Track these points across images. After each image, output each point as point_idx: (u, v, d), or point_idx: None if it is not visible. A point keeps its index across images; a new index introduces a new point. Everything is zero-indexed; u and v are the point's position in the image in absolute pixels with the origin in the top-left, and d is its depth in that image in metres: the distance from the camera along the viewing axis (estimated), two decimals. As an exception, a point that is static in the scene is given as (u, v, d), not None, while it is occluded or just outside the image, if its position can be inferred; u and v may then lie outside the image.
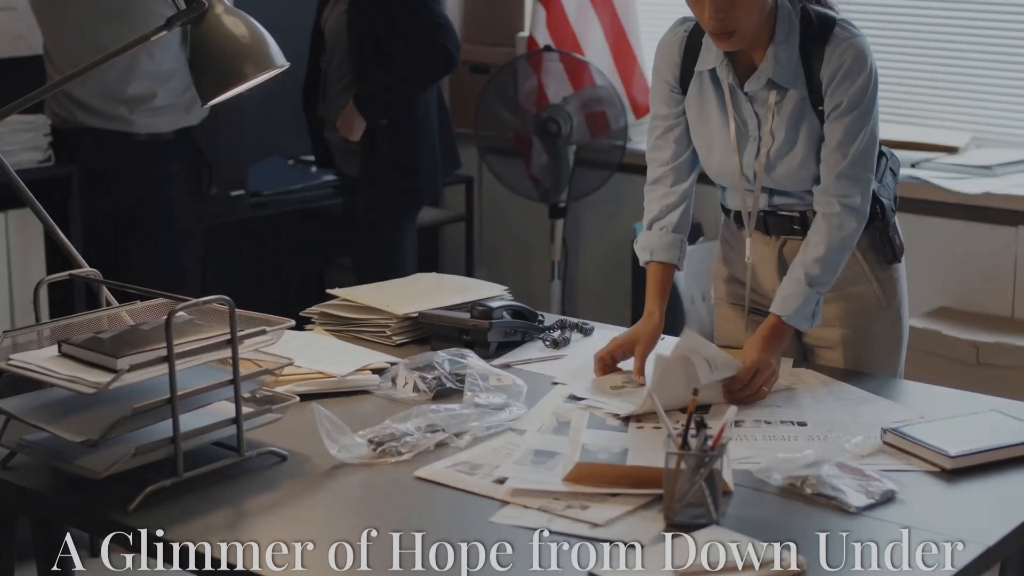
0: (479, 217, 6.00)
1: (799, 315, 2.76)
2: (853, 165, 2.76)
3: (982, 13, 4.88)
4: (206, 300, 2.25)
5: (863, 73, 2.75)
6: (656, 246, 2.94)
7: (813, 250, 2.77)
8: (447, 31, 4.55)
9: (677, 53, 2.90)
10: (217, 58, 2.45)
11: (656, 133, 2.97)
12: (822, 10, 2.82)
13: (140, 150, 4.37)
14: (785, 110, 2.80)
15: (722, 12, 2.67)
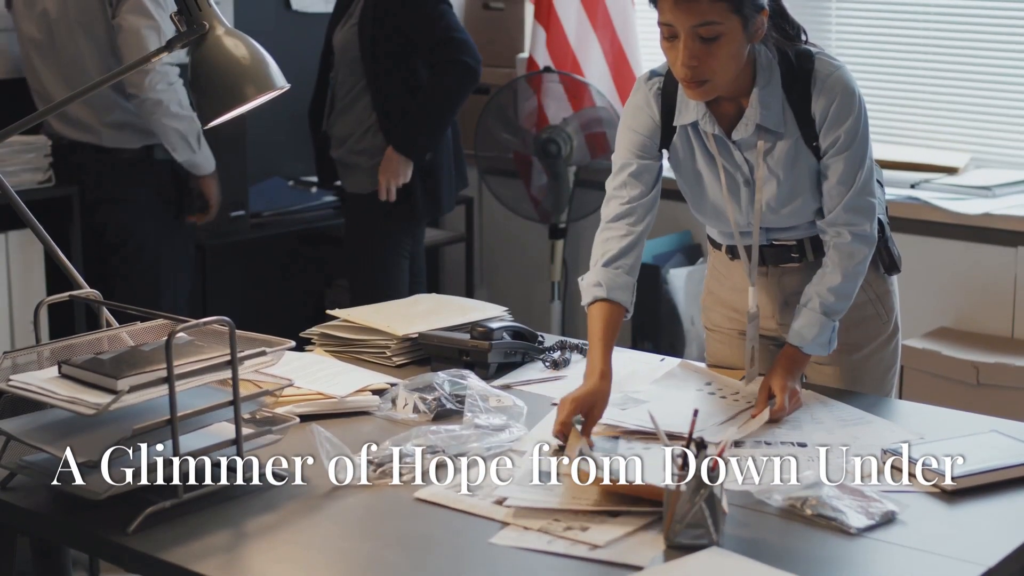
0: (479, 238, 6.01)
1: (816, 343, 2.77)
2: (858, 195, 2.75)
3: (981, 34, 4.89)
4: (206, 321, 2.25)
5: (854, 106, 2.73)
6: (613, 284, 2.79)
7: (829, 279, 2.77)
8: (466, 46, 4.56)
9: (655, 111, 2.82)
10: (218, 80, 2.45)
11: (629, 171, 2.84)
12: (797, 46, 2.77)
13: (112, 168, 4.38)
14: (778, 154, 2.76)
15: (696, 60, 2.61)
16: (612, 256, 2.81)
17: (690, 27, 2.59)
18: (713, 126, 2.77)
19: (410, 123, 4.55)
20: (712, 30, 2.59)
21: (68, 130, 4.38)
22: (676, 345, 5.19)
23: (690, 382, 2.87)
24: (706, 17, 2.58)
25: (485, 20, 5.98)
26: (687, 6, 2.59)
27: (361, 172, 4.68)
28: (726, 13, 2.59)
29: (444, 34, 4.53)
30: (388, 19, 4.53)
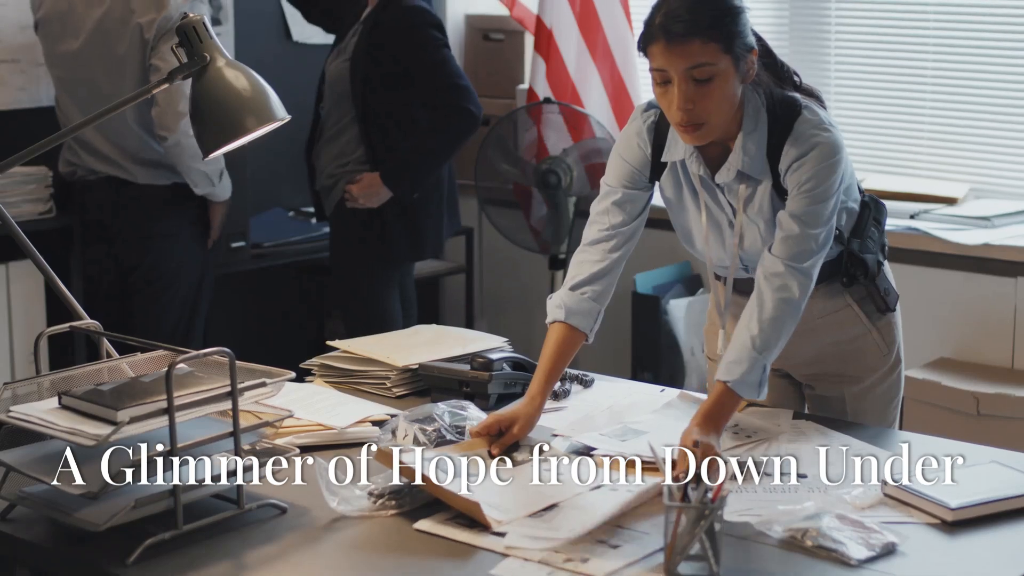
0: (479, 268, 6.01)
1: (746, 382, 2.62)
2: (807, 232, 2.66)
3: (980, 65, 4.91)
4: (206, 352, 2.25)
5: (826, 157, 2.66)
6: (575, 308, 2.80)
7: (756, 313, 2.65)
8: (466, 92, 4.55)
9: (647, 144, 2.82)
10: (219, 111, 2.46)
11: (613, 198, 2.84)
12: (788, 95, 2.75)
13: (144, 203, 4.37)
14: (758, 201, 2.75)
15: (690, 103, 2.60)
16: (581, 280, 2.83)
17: (683, 70, 2.59)
18: (699, 166, 2.77)
19: (403, 160, 4.54)
20: (705, 71, 2.59)
21: (100, 165, 4.37)
22: (676, 376, 5.19)
23: (690, 413, 2.86)
24: (699, 59, 2.58)
25: (485, 51, 6.01)
26: (679, 49, 2.58)
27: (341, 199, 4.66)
28: (718, 53, 2.59)
29: (449, 80, 4.53)
30: (385, 58, 4.52)
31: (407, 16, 4.52)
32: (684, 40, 2.58)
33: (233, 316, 5.47)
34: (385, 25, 4.52)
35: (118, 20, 4.25)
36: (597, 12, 5.47)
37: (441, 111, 4.54)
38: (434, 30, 4.56)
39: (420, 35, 4.52)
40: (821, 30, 5.23)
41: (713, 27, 2.59)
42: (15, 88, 4.75)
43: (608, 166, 2.89)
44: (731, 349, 2.65)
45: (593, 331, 2.83)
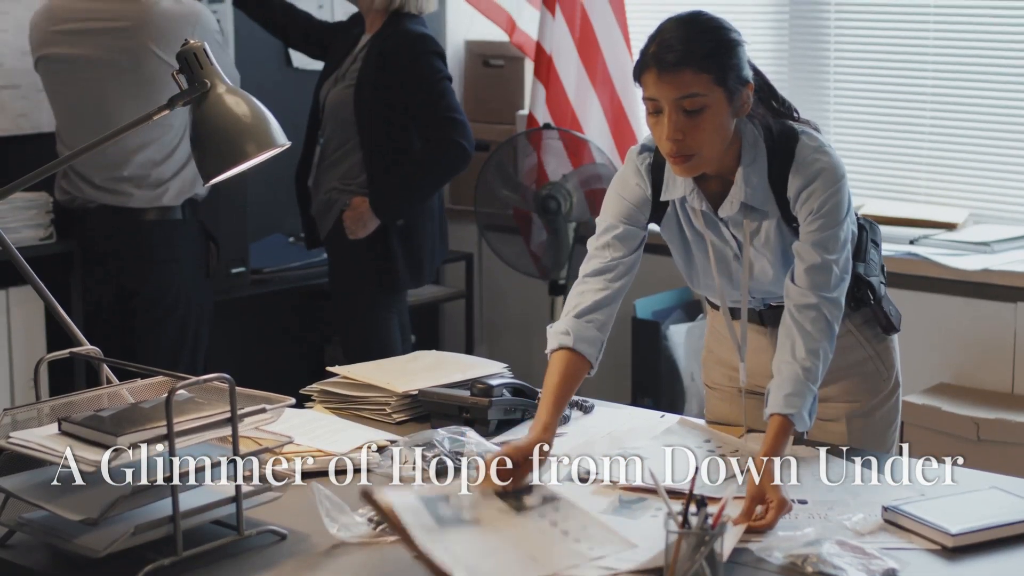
0: (479, 294, 6.01)
1: (803, 415, 2.60)
2: (825, 261, 2.67)
3: (979, 90, 4.92)
4: (206, 378, 2.25)
5: (832, 182, 2.68)
6: (581, 335, 2.74)
7: (798, 346, 2.64)
8: (461, 127, 4.52)
9: (646, 184, 2.81)
10: (219, 137, 2.47)
11: (614, 233, 2.81)
12: (785, 124, 2.76)
13: (145, 230, 4.38)
14: (764, 234, 2.75)
15: (680, 133, 2.60)
16: (585, 308, 2.78)
17: (674, 100, 2.59)
18: (701, 202, 2.76)
19: (392, 188, 4.53)
20: (696, 102, 2.59)
21: (98, 194, 4.38)
22: (676, 401, 5.18)
23: (690, 439, 2.87)
24: (690, 89, 2.58)
25: (485, 77, 6.02)
26: (671, 78, 2.58)
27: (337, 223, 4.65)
28: (710, 85, 2.59)
29: (445, 113, 4.51)
30: (389, 86, 4.52)
31: (412, 44, 4.52)
32: (676, 70, 2.58)
33: (233, 342, 5.46)
34: (390, 52, 4.52)
35: (121, 52, 4.26)
36: (597, 38, 5.49)
37: (433, 143, 4.53)
38: (437, 59, 4.56)
39: (423, 64, 4.51)
40: (820, 57, 5.24)
41: (706, 58, 2.59)
42: (15, 114, 4.76)
43: (605, 204, 2.87)
44: (783, 382, 2.61)
45: (597, 361, 2.79)
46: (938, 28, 4.99)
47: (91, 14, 4.30)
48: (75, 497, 2.22)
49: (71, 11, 4.35)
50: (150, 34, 4.25)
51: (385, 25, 4.57)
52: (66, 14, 4.35)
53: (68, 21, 4.34)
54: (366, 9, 4.63)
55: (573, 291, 2.83)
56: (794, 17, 5.30)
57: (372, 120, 4.54)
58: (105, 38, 4.28)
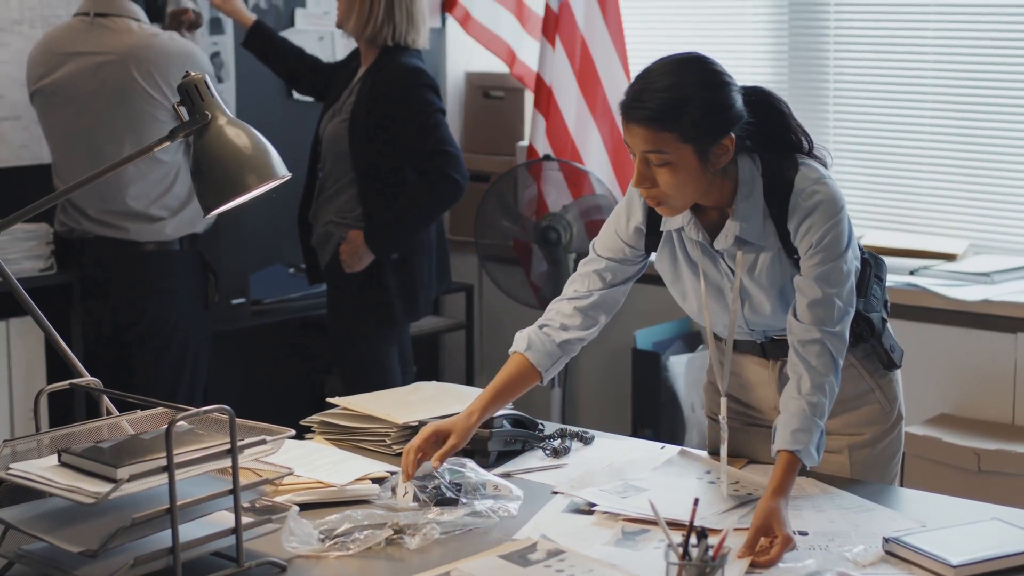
0: (479, 325, 6.01)
1: (810, 450, 2.61)
2: (827, 295, 2.67)
3: (979, 121, 4.93)
4: (206, 410, 2.25)
5: (832, 214, 2.68)
6: (537, 345, 2.90)
7: (803, 381, 2.65)
8: (454, 160, 4.51)
9: (640, 215, 2.84)
10: (220, 169, 2.47)
11: (594, 266, 2.90)
12: (787, 156, 2.75)
13: (142, 261, 4.38)
14: (761, 266, 2.75)
15: (647, 182, 2.63)
16: (550, 325, 2.93)
17: (641, 152, 2.62)
18: (697, 233, 2.77)
19: (385, 222, 4.53)
20: (661, 158, 2.60)
21: (94, 227, 4.38)
22: (676, 432, 5.18)
23: (690, 470, 2.86)
24: (654, 145, 2.60)
25: (485, 108, 6.04)
26: (636, 132, 2.61)
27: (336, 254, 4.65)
28: (675, 143, 2.59)
29: (436, 146, 4.49)
30: (382, 119, 4.52)
31: (404, 77, 4.52)
32: (639, 125, 2.60)
33: (233, 373, 5.46)
34: (382, 86, 4.52)
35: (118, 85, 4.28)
36: (597, 70, 5.50)
37: (425, 177, 4.52)
38: (430, 92, 4.54)
39: (415, 97, 4.50)
40: (820, 88, 5.26)
41: (672, 118, 2.58)
42: (17, 145, 4.77)
43: (601, 232, 2.92)
44: (789, 418, 2.62)
45: (547, 373, 2.90)
46: (937, 60, 5.00)
47: (83, 47, 4.32)
48: (75, 529, 2.21)
49: (64, 44, 4.36)
50: (139, 68, 4.27)
51: (378, 58, 4.58)
52: (59, 47, 4.37)
53: (61, 54, 4.35)
54: (361, 42, 4.63)
55: (550, 305, 2.95)
56: (793, 49, 5.31)
57: (366, 154, 4.53)
58: (96, 71, 4.29)
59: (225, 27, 5.36)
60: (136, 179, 4.31)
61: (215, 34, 5.33)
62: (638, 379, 5.31)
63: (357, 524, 2.47)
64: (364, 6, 4.54)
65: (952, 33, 4.98)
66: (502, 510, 2.61)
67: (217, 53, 5.35)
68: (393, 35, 4.54)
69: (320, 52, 5.63)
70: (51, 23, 4.70)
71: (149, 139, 4.19)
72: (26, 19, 4.79)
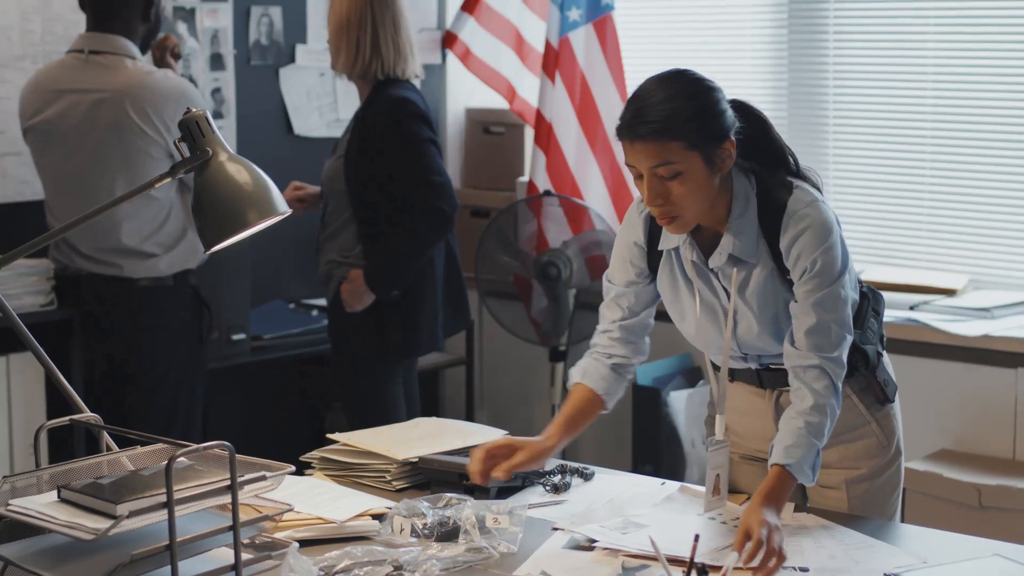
0: (479, 360, 6.01)
1: (803, 465, 2.65)
2: (824, 321, 2.70)
3: (978, 156, 4.94)
4: (207, 446, 2.25)
5: (825, 238, 2.70)
6: (593, 372, 2.96)
7: (804, 402, 2.69)
8: (442, 190, 4.49)
9: (641, 235, 2.87)
10: (220, 205, 2.47)
11: (611, 295, 2.97)
12: (779, 175, 2.78)
13: (136, 297, 4.38)
14: (753, 285, 2.77)
15: (660, 199, 2.65)
16: (599, 350, 2.98)
17: (649, 168, 2.63)
18: (693, 252, 2.80)
19: (380, 259, 4.53)
20: (671, 169, 2.63)
21: (88, 264, 4.38)
22: (677, 468, 5.17)
23: (691, 506, 2.86)
24: (663, 158, 2.62)
25: (486, 144, 6.05)
26: (643, 147, 2.63)
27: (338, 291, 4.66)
28: (683, 151, 2.62)
29: (423, 176, 4.48)
30: (374, 154, 4.51)
31: (391, 109, 4.51)
32: (647, 139, 2.62)
33: (233, 408, 5.46)
34: (372, 120, 4.52)
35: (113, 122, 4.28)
36: (596, 105, 5.52)
37: (414, 209, 4.50)
38: (418, 122, 4.52)
39: (402, 129, 4.49)
40: (819, 123, 5.27)
41: (678, 126, 2.62)
42: (18, 181, 4.78)
43: (611, 261, 2.98)
44: (784, 435, 2.68)
45: (612, 398, 2.96)
46: (936, 95, 5.01)
47: (78, 84, 4.33)
48: (74, 565, 2.21)
49: (56, 80, 4.37)
50: (134, 105, 4.27)
51: (371, 93, 4.58)
52: (53, 84, 4.38)
53: (54, 91, 4.36)
54: (354, 79, 4.63)
55: (592, 340, 3.00)
56: (792, 84, 5.33)
57: (361, 189, 4.53)
58: (91, 108, 4.30)
59: (226, 63, 5.38)
60: (130, 216, 4.31)
61: (216, 70, 5.35)
62: (638, 415, 5.31)
63: (357, 561, 2.46)
64: (351, 44, 4.54)
65: (951, 68, 4.99)
66: (502, 546, 2.60)
67: (218, 89, 5.37)
68: (382, 68, 4.55)
69: (320, 88, 5.67)
70: (53, 59, 4.72)
71: (142, 177, 4.20)
72: (28, 55, 4.81)
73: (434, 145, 4.55)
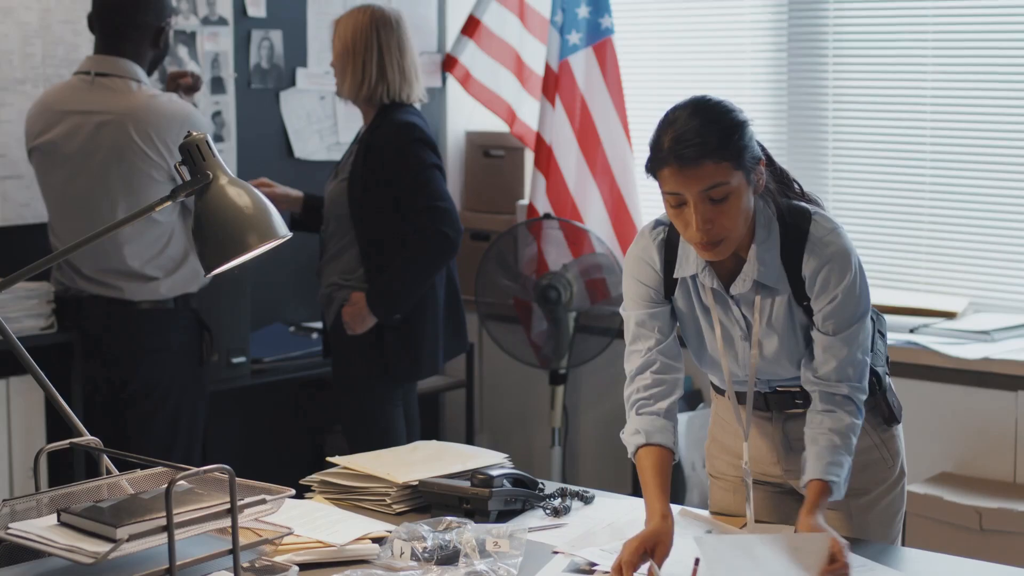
0: (479, 384, 6.01)
1: (841, 484, 2.70)
2: (855, 352, 2.75)
3: (978, 179, 4.94)
4: (206, 469, 2.24)
5: (849, 267, 2.73)
6: (651, 428, 2.80)
7: (839, 421, 2.73)
8: (446, 216, 4.50)
9: (657, 261, 2.84)
10: (221, 228, 2.47)
11: (636, 321, 2.87)
12: (796, 203, 2.80)
13: (136, 320, 4.38)
14: (775, 311, 2.78)
15: (709, 224, 2.62)
16: (642, 402, 2.83)
17: (698, 192, 2.61)
18: (712, 279, 2.78)
19: (383, 283, 4.53)
20: (720, 191, 2.61)
21: (89, 286, 4.39)
22: (677, 491, 5.16)
23: (691, 529, 2.85)
24: (713, 180, 2.61)
25: (486, 167, 6.06)
26: (693, 172, 2.61)
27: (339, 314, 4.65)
28: (730, 171, 2.62)
29: (428, 202, 4.48)
30: (379, 178, 4.52)
31: (398, 134, 4.52)
32: (697, 164, 2.60)
33: (233, 432, 5.45)
34: (378, 144, 4.53)
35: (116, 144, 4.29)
36: (596, 129, 5.53)
37: (418, 234, 4.50)
38: (423, 148, 4.53)
39: (408, 154, 4.50)
40: (819, 146, 5.27)
41: (723, 147, 2.61)
42: (19, 204, 4.79)
43: (624, 293, 2.91)
44: (821, 451, 2.71)
45: (676, 445, 2.82)
46: (935, 118, 5.01)
47: (83, 106, 4.34)
48: (73, 589, 2.20)
49: (64, 102, 4.38)
50: (138, 128, 4.28)
51: (376, 116, 4.59)
52: (59, 105, 4.39)
53: (60, 112, 4.37)
54: (359, 103, 4.64)
55: (626, 391, 2.87)
56: (792, 108, 5.33)
57: (365, 213, 4.54)
58: (95, 130, 4.30)
59: (226, 87, 5.39)
60: (132, 239, 4.32)
61: (216, 93, 5.36)
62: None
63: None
64: (357, 69, 4.56)
65: (950, 92, 4.99)
66: (502, 570, 2.60)
67: (219, 112, 5.38)
68: (388, 92, 4.56)
69: (320, 111, 5.68)
70: (53, 83, 4.73)
71: (145, 199, 4.21)
72: (29, 78, 4.82)
73: (439, 171, 4.56)
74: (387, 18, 4.60)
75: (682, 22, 5.75)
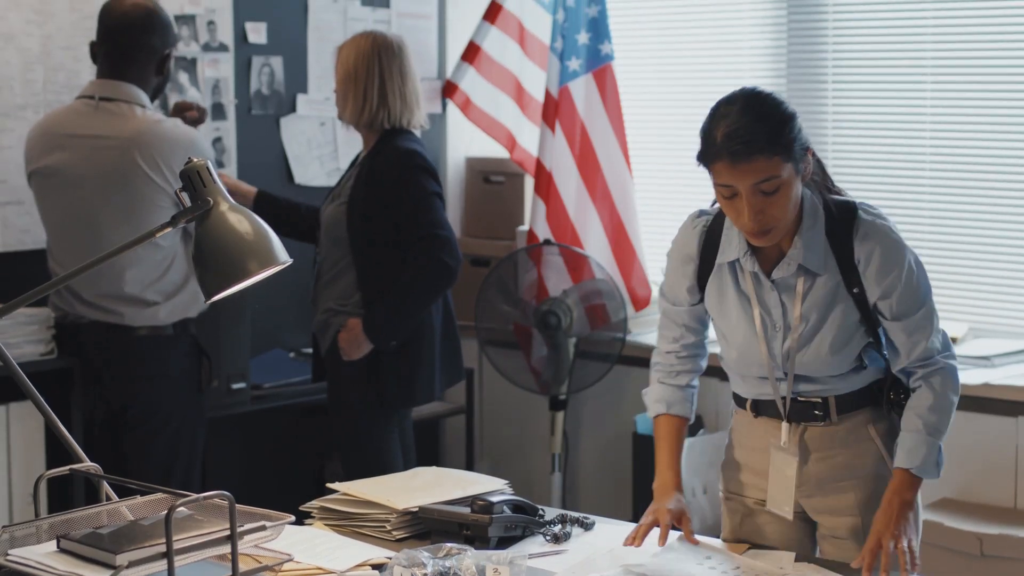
0: (479, 409, 6.00)
1: (927, 464, 2.83)
2: (932, 335, 2.88)
3: (978, 206, 4.94)
4: (206, 496, 2.24)
5: (903, 252, 2.84)
6: (672, 399, 3.05)
7: (923, 401, 2.85)
8: (446, 244, 4.50)
9: (696, 248, 2.94)
10: (221, 254, 2.48)
11: (663, 307, 3.07)
12: (839, 198, 2.89)
13: (135, 345, 4.38)
14: (816, 296, 2.83)
15: (760, 213, 2.71)
16: (666, 373, 3.09)
17: (751, 185, 2.69)
18: (753, 264, 2.85)
19: (381, 310, 4.52)
20: (774, 184, 2.70)
21: (89, 311, 4.39)
22: (678, 517, 5.15)
23: (690, 556, 2.85)
24: (766, 173, 2.69)
25: (486, 193, 6.06)
26: (746, 167, 2.69)
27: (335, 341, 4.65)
28: (781, 164, 2.70)
29: (427, 230, 4.49)
30: (379, 204, 4.52)
31: (399, 161, 4.52)
32: (749, 160, 2.68)
33: (233, 458, 5.44)
34: (379, 169, 4.53)
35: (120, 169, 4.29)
36: (596, 155, 5.54)
37: (419, 261, 4.50)
38: (424, 175, 4.53)
39: (409, 181, 4.50)
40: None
41: (774, 141, 2.70)
42: (19, 230, 4.79)
43: (664, 278, 3.06)
44: (903, 438, 2.87)
45: (692, 412, 3.10)
46: (933, 143, 5.02)
47: (86, 130, 4.34)
48: (73, 616, 2.20)
49: (63, 126, 4.38)
50: (142, 153, 4.27)
51: (378, 142, 4.59)
52: (58, 128, 4.39)
53: (62, 136, 4.37)
54: (360, 129, 4.64)
55: (655, 357, 3.11)
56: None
57: (363, 238, 4.54)
58: (95, 154, 4.30)
59: (227, 113, 5.40)
60: (133, 263, 4.32)
61: (217, 119, 5.37)
62: (639, 464, 5.29)
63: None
64: (359, 94, 4.57)
65: (950, 114, 5.00)
66: (503, 596, 2.59)
67: (219, 138, 5.38)
68: (389, 118, 4.57)
69: (320, 137, 5.69)
70: (55, 108, 4.73)
71: (148, 224, 4.21)
72: (30, 104, 4.82)
73: (440, 199, 4.56)
74: (389, 44, 4.61)
75: (682, 49, 5.75)
